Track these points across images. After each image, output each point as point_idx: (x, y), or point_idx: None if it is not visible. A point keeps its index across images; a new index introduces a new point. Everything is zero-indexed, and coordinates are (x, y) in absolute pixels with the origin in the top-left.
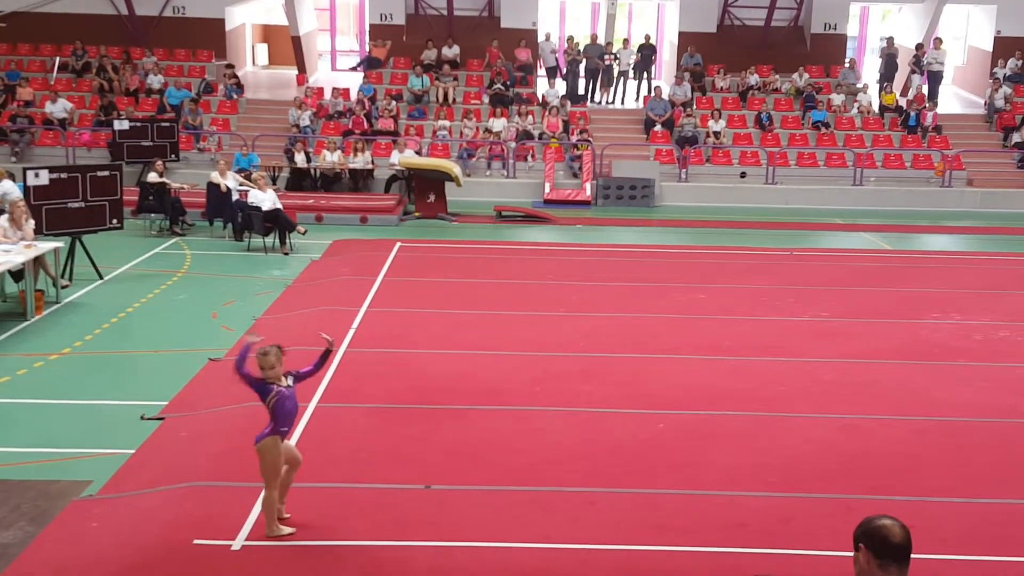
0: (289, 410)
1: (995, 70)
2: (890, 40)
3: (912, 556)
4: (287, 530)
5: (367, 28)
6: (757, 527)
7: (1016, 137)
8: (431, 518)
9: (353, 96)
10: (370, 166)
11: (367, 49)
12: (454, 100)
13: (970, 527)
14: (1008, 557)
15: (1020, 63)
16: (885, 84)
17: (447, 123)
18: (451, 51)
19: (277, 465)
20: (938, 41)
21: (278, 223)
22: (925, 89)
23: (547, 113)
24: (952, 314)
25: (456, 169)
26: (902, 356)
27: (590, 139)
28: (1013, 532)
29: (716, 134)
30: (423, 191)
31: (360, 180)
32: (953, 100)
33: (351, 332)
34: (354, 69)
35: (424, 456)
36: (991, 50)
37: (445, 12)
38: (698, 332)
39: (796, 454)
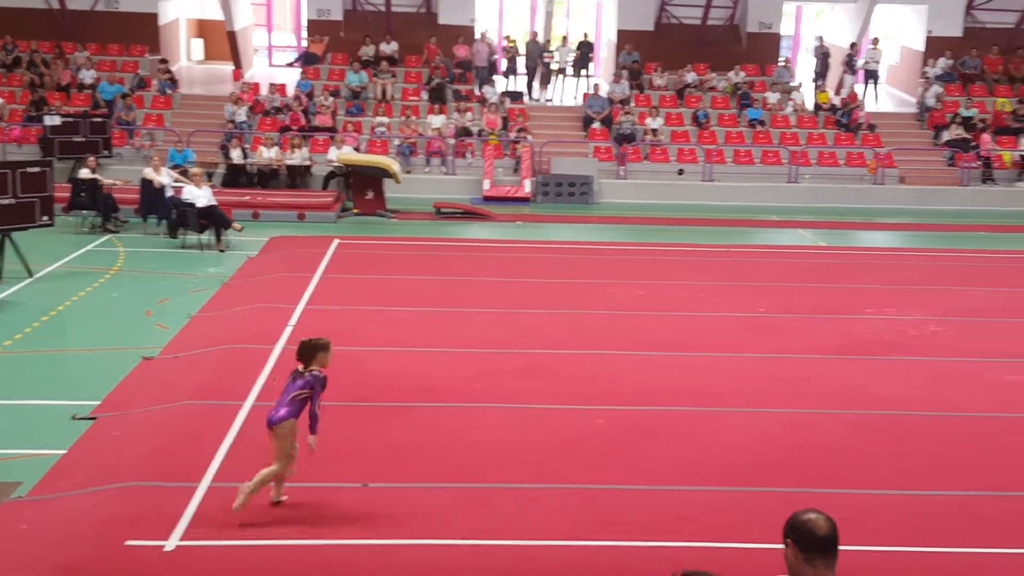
0: None
1: (926, 69)
2: (820, 39)
3: (848, 548)
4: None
5: (304, 23)
6: (698, 521)
7: (946, 135)
8: (371, 516)
9: (290, 92)
10: (308, 162)
11: (304, 45)
12: (392, 96)
13: (906, 519)
14: (942, 548)
15: (950, 63)
16: (819, 83)
17: (385, 119)
18: (389, 47)
19: (289, 445)
20: (875, 41)
21: (213, 220)
22: (858, 88)
23: (486, 110)
24: (886, 310)
25: (395, 166)
26: (838, 351)
27: (528, 135)
28: (947, 523)
29: (654, 131)
30: (361, 188)
31: (297, 177)
32: (886, 99)
33: (288, 330)
34: (291, 65)
35: (363, 454)
36: (923, 50)
37: (383, 8)
38: (638, 328)
39: (735, 449)
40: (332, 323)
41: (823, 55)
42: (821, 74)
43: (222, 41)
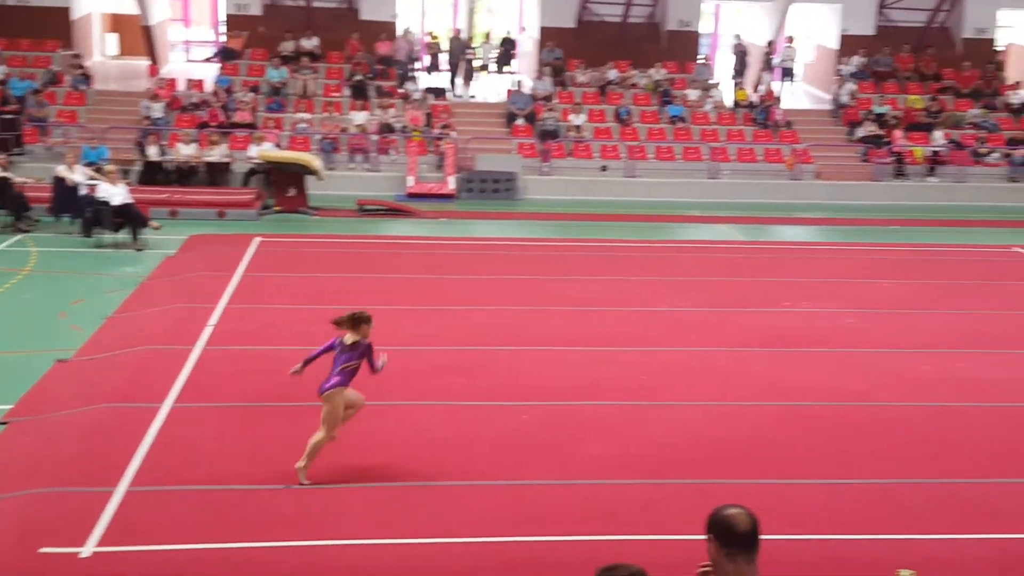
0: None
1: (840, 67)
2: (738, 36)
3: (770, 537)
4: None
5: (223, 18)
6: (623, 514)
7: (861, 131)
8: (293, 518)
9: (208, 88)
10: (227, 159)
11: (223, 40)
12: (314, 92)
13: (826, 507)
14: (861, 535)
15: (864, 60)
16: (738, 80)
17: (307, 115)
18: (310, 43)
19: (339, 412)
20: (789, 39)
21: (129, 218)
22: (775, 85)
23: (409, 106)
24: (805, 303)
25: (316, 162)
26: (759, 344)
27: (452, 132)
28: (865, 511)
29: (577, 128)
30: (283, 185)
31: (217, 174)
32: (802, 96)
33: (208, 329)
34: (209, 60)
35: (285, 455)
36: (837, 48)
37: (303, 3)
38: (564, 324)
39: (661, 442)
40: (254, 322)
41: (741, 53)
42: (739, 72)
43: (137, 36)
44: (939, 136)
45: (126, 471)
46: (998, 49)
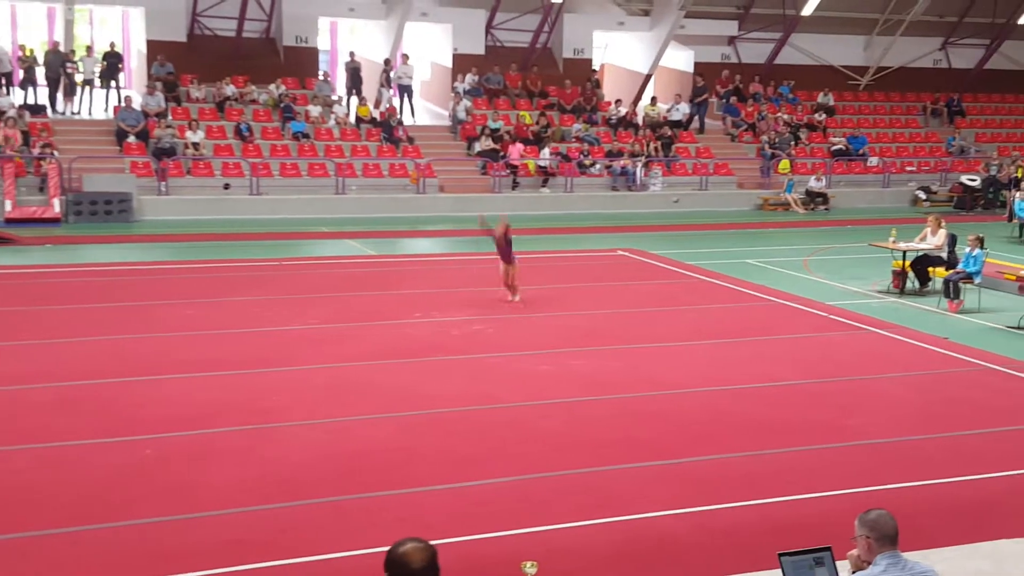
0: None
1: (455, 85)
2: (352, 54)
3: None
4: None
5: None
6: (254, 542)
7: (478, 146)
8: None
9: None
10: None
11: None
12: None
13: (460, 509)
14: (485, 534)
15: (476, 78)
16: (361, 97)
17: None
18: None
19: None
20: (405, 57)
21: None
22: (396, 102)
23: (2, 124)
24: (433, 312)
25: None
26: (391, 356)
27: (55, 151)
28: (490, 509)
29: (195, 145)
30: None
31: None
32: (422, 112)
33: None
34: None
35: None
36: (451, 66)
37: None
38: (188, 350)
39: (293, 462)
40: None
41: (354, 70)
42: (357, 88)
43: None
44: (547, 150)
45: None
46: (595, 68)
